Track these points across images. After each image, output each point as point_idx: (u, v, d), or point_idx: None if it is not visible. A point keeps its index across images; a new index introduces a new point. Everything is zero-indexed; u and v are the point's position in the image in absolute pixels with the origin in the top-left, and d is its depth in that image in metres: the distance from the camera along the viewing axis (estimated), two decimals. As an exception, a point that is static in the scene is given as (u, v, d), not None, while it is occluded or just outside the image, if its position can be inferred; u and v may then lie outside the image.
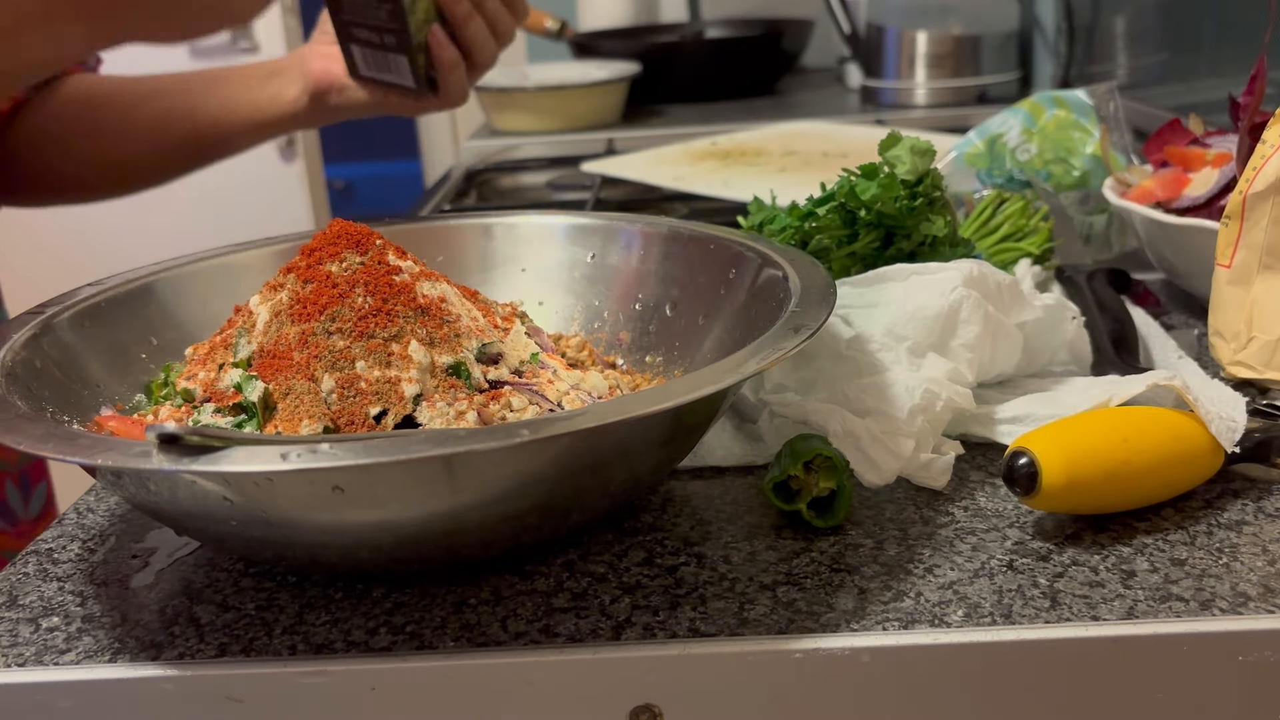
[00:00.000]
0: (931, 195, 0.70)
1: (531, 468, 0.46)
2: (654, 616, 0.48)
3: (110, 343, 0.61)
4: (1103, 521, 0.53)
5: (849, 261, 0.70)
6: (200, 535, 0.53)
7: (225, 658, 0.47)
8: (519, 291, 0.69)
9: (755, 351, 0.48)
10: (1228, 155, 0.76)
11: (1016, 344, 0.63)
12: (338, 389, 0.51)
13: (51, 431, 0.46)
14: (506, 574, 0.51)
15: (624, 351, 0.67)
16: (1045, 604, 0.47)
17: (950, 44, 1.67)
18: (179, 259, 0.67)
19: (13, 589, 0.53)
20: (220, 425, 0.52)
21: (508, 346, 0.57)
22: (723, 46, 1.94)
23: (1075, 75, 1.56)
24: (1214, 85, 1.15)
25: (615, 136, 1.59)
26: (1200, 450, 0.53)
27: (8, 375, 0.52)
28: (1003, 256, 0.77)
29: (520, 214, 0.73)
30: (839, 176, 0.72)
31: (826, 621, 0.47)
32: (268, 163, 2.24)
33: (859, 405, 0.58)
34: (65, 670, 0.47)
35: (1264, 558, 0.49)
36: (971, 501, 0.55)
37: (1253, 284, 0.64)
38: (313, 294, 0.54)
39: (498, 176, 1.50)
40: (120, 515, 0.60)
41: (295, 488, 0.44)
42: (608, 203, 1.27)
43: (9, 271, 2.18)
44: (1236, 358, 0.65)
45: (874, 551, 0.51)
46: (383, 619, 0.49)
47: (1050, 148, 0.92)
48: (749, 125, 1.54)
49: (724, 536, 0.53)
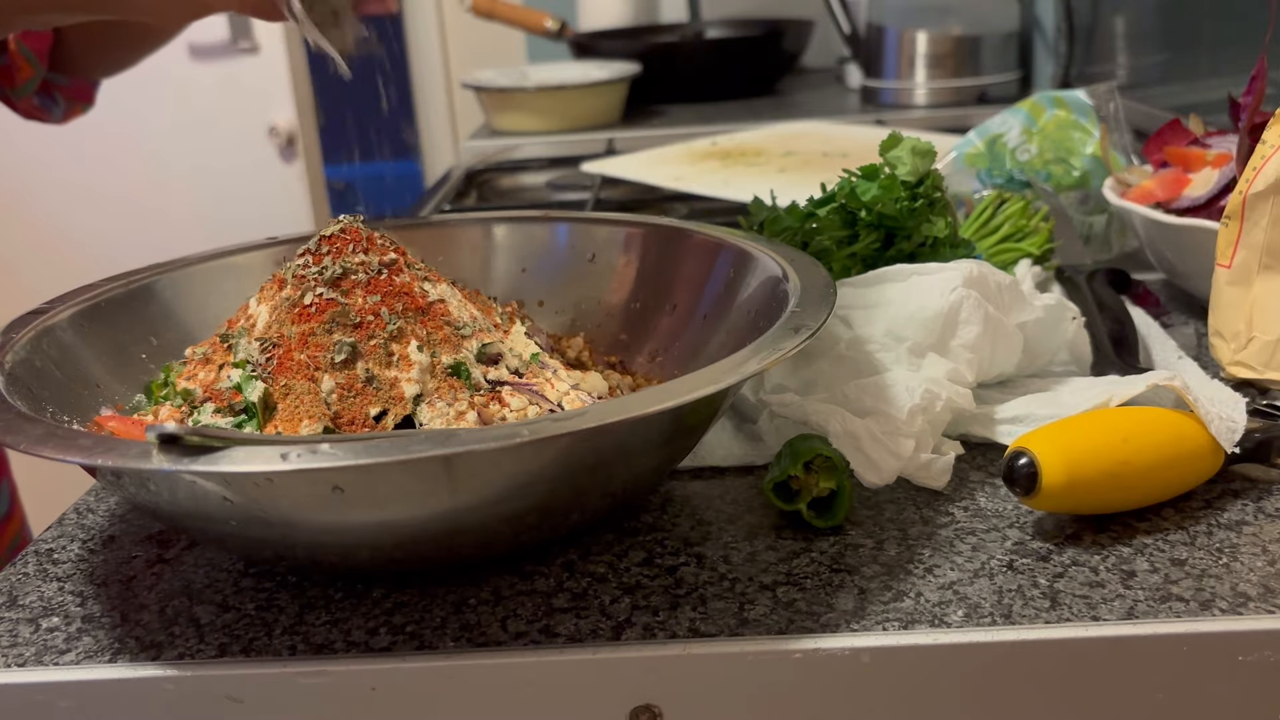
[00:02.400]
0: (932, 196, 0.70)
1: (531, 468, 0.46)
2: (654, 616, 0.48)
3: (110, 343, 0.61)
4: (1103, 521, 0.53)
5: (850, 262, 0.70)
6: (200, 535, 0.53)
7: (225, 658, 0.47)
8: (519, 291, 0.69)
9: (755, 351, 0.48)
10: (1228, 155, 0.76)
11: (1016, 344, 0.63)
12: (338, 389, 0.51)
13: (51, 431, 0.46)
14: (506, 574, 0.51)
15: (624, 351, 0.67)
16: (1045, 604, 0.47)
17: (950, 44, 1.67)
18: (179, 259, 0.67)
19: (13, 589, 0.53)
20: (220, 425, 0.52)
21: (508, 346, 0.56)
22: (723, 46, 1.94)
23: (1075, 75, 1.56)
24: (1214, 85, 1.15)
25: (615, 136, 1.59)
26: (1200, 450, 0.53)
27: (8, 375, 0.52)
28: (1003, 257, 0.77)
29: (520, 214, 0.73)
30: (839, 177, 0.72)
31: (826, 621, 0.47)
32: (268, 163, 2.24)
33: (859, 405, 0.58)
34: (65, 670, 0.47)
35: (1264, 558, 0.49)
36: (971, 501, 0.55)
37: (1253, 284, 0.64)
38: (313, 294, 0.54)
39: (498, 176, 1.50)
40: (120, 515, 0.60)
41: (295, 488, 0.44)
42: (608, 203, 1.27)
43: (8, 271, 2.18)
44: (1236, 358, 0.65)
45: (874, 551, 0.51)
46: (383, 619, 0.49)
47: (1050, 148, 0.92)
48: (749, 125, 1.54)
49: (724, 536, 0.53)
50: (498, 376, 0.55)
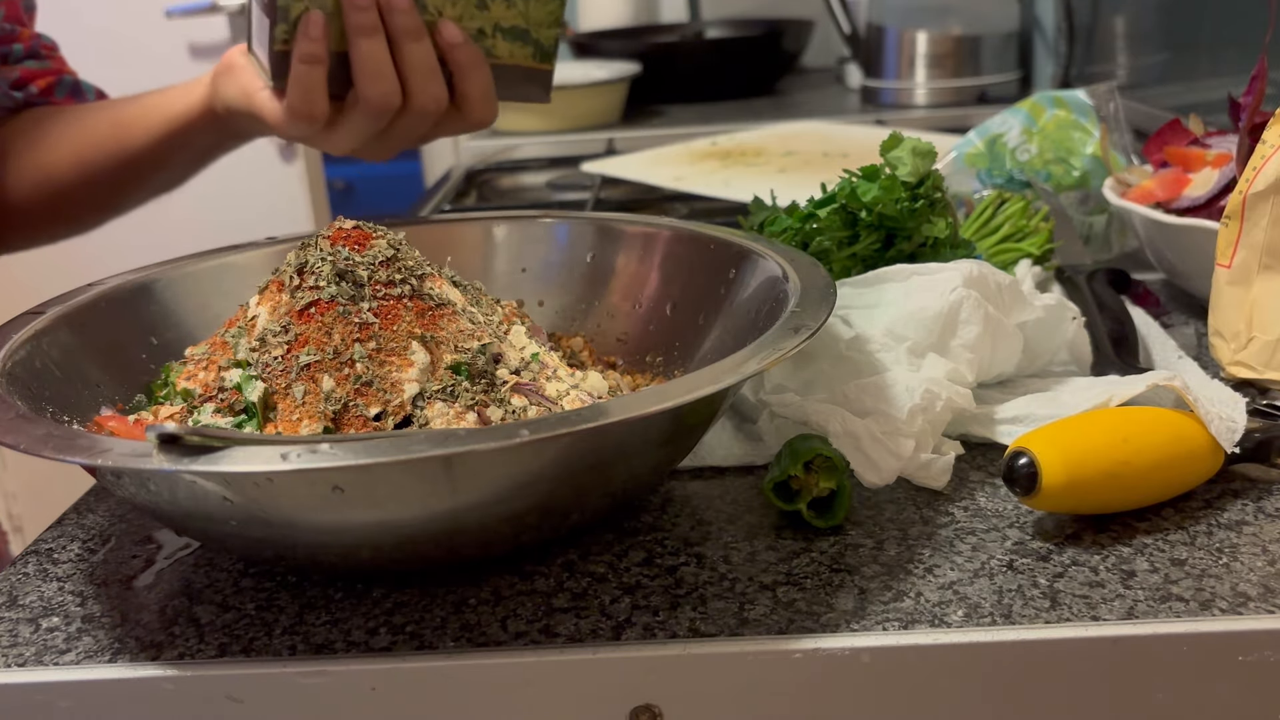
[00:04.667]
0: (932, 197, 0.70)
1: (531, 468, 0.46)
2: (654, 616, 0.48)
3: (110, 343, 0.61)
4: (1103, 521, 0.53)
5: (850, 263, 0.70)
6: (200, 535, 0.53)
7: (225, 658, 0.47)
8: (519, 291, 0.69)
9: (755, 351, 0.48)
10: (1228, 155, 0.76)
11: (1016, 344, 0.63)
12: (337, 389, 0.51)
13: (51, 431, 0.46)
14: (506, 574, 0.51)
15: (624, 351, 0.67)
16: (1045, 604, 0.47)
17: (950, 44, 1.67)
18: (179, 259, 0.67)
19: (13, 589, 0.53)
20: (220, 425, 0.52)
21: (508, 346, 0.56)
22: (723, 46, 1.94)
23: (1075, 75, 1.56)
24: (1214, 85, 1.15)
25: (615, 136, 1.59)
26: (1200, 450, 0.53)
27: (8, 375, 0.52)
28: (1003, 257, 0.77)
29: (520, 214, 0.73)
30: (839, 177, 0.72)
31: (826, 621, 0.47)
32: (268, 163, 2.24)
33: (859, 405, 0.58)
34: (65, 670, 0.47)
35: (1264, 558, 0.49)
36: (971, 501, 0.55)
37: (1253, 284, 0.64)
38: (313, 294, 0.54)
39: (498, 176, 1.50)
40: (120, 515, 0.60)
41: (295, 488, 0.44)
42: (608, 203, 1.27)
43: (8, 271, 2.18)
44: (1236, 358, 0.65)
45: (874, 551, 0.51)
46: (383, 619, 0.49)
47: (1050, 148, 0.92)
48: (749, 125, 1.54)
49: (724, 536, 0.53)
50: (498, 376, 0.55)
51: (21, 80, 0.88)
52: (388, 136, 0.71)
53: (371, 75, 0.67)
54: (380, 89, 0.67)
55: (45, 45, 0.91)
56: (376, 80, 0.67)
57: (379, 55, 0.67)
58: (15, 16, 0.88)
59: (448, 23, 0.68)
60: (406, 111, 0.69)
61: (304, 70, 0.66)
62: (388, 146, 0.72)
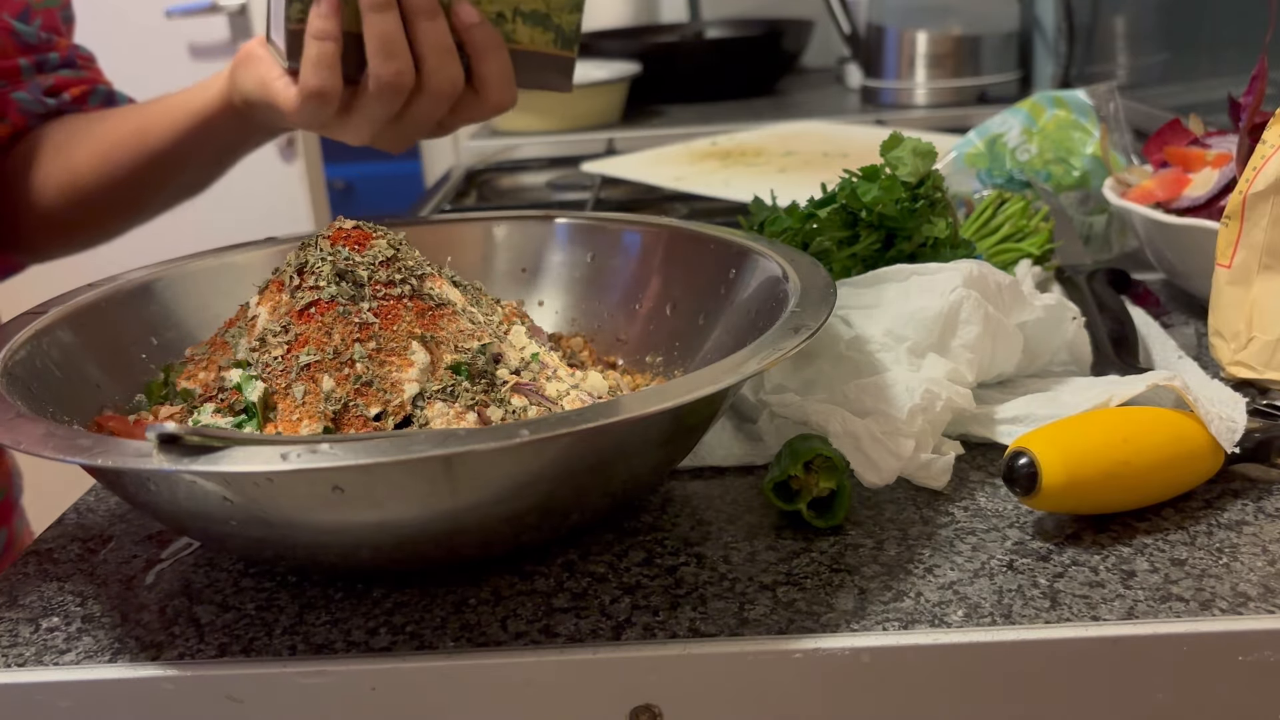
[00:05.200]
0: (933, 197, 0.70)
1: (531, 468, 0.46)
2: (654, 616, 0.48)
3: (110, 343, 0.61)
4: (1103, 521, 0.53)
5: (850, 263, 0.70)
6: (200, 535, 0.53)
7: (225, 658, 0.47)
8: (519, 291, 0.69)
9: (755, 351, 0.48)
10: (1228, 155, 0.76)
11: (1016, 344, 0.63)
12: (338, 389, 0.51)
13: (51, 431, 0.46)
14: (506, 574, 0.51)
15: (624, 351, 0.67)
16: (1045, 604, 0.47)
17: (950, 44, 1.67)
18: (179, 259, 0.67)
19: (13, 589, 0.53)
20: (220, 425, 0.52)
21: (508, 346, 0.57)
22: (723, 46, 1.94)
23: (1075, 75, 1.56)
24: (1214, 85, 1.15)
25: (615, 136, 1.59)
26: (1200, 450, 0.53)
27: (8, 375, 0.52)
28: (1003, 257, 0.77)
29: (520, 214, 0.73)
30: (839, 177, 0.72)
31: (826, 621, 0.47)
32: (268, 163, 2.24)
33: (859, 405, 0.58)
34: (65, 670, 0.47)
35: (1264, 558, 0.49)
36: (971, 501, 0.55)
37: (1253, 284, 0.64)
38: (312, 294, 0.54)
39: (498, 176, 1.50)
40: (120, 515, 0.60)
41: (295, 488, 0.44)
42: (608, 203, 1.27)
43: (9, 271, 2.16)
44: (1236, 358, 0.65)
45: (874, 551, 0.51)
46: (383, 619, 0.49)
47: (1050, 148, 0.92)
48: (749, 125, 1.54)
49: (724, 536, 0.53)
50: (498, 376, 0.55)
51: (55, 88, 0.87)
52: (403, 123, 0.70)
53: (384, 52, 0.66)
54: (393, 67, 0.66)
55: (82, 56, 0.90)
56: (390, 58, 0.66)
57: (392, 31, 0.65)
58: (53, 26, 0.88)
59: (464, 3, 0.68)
60: (421, 93, 0.68)
61: (317, 46, 0.65)
62: (403, 134, 0.71)
